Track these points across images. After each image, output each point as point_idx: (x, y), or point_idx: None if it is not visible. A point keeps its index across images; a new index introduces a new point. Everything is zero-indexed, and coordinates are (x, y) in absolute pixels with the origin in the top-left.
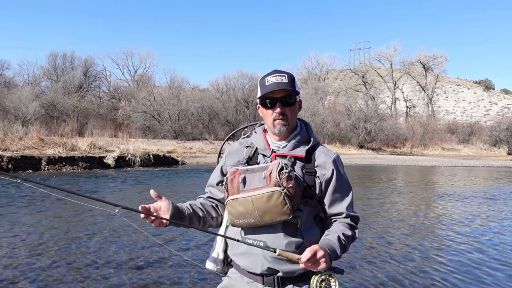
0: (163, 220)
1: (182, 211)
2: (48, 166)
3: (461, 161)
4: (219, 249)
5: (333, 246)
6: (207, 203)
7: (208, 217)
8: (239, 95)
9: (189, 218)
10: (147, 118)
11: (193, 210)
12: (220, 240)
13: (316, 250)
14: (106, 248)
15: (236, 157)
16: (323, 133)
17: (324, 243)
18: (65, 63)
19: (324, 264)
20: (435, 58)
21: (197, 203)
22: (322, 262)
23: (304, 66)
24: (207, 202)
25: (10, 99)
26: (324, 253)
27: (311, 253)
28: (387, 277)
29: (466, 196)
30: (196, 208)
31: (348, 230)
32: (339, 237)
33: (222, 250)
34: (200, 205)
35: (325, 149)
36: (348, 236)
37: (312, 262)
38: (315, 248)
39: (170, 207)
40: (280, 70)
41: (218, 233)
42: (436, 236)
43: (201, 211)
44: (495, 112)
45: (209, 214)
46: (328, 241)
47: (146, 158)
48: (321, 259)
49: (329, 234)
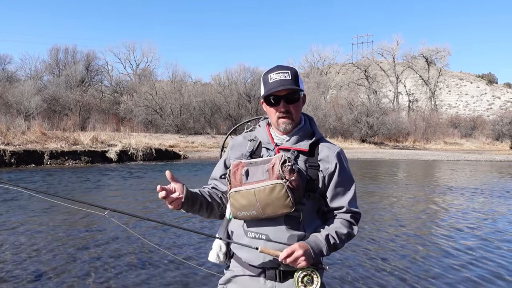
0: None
1: (196, 194)
2: (50, 160)
3: (464, 155)
4: (222, 241)
5: (319, 244)
6: (213, 192)
7: (215, 205)
8: (241, 89)
9: (200, 203)
10: (149, 112)
11: (203, 196)
12: (222, 232)
13: (294, 249)
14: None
15: (239, 150)
16: (325, 127)
17: (310, 240)
18: (67, 57)
19: (304, 262)
20: (437, 51)
21: (206, 190)
22: (301, 261)
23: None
24: (213, 191)
25: (12, 93)
26: (303, 252)
27: (288, 252)
28: (386, 272)
29: (468, 190)
30: (205, 194)
31: (343, 228)
32: (328, 236)
33: (225, 242)
34: (208, 192)
35: (328, 143)
36: (342, 234)
37: (291, 260)
38: (293, 247)
39: (184, 188)
40: (283, 65)
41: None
42: (438, 231)
43: (209, 197)
44: (498, 106)
45: (215, 201)
46: (315, 238)
47: (148, 152)
48: (300, 257)
49: (320, 231)
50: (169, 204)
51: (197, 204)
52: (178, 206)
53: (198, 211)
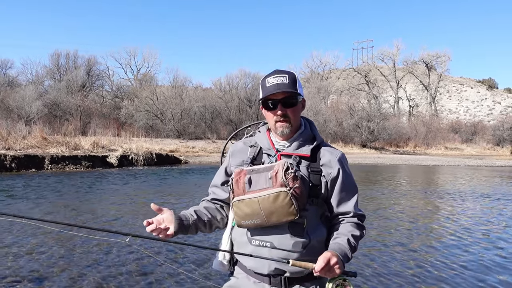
0: (168, 232)
1: (187, 219)
2: (51, 165)
3: (464, 160)
4: (226, 249)
5: (344, 250)
6: (211, 206)
7: (214, 220)
8: (242, 94)
9: (194, 225)
10: (150, 117)
11: (197, 216)
12: (226, 240)
13: (329, 257)
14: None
15: (240, 156)
16: (326, 132)
17: (335, 247)
18: (68, 62)
19: (338, 270)
20: (438, 57)
21: (201, 208)
22: (336, 269)
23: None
24: (211, 205)
25: (13, 98)
26: (337, 260)
27: (325, 262)
28: (389, 276)
29: (470, 196)
30: (200, 213)
31: (356, 230)
32: (349, 240)
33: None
34: (204, 209)
35: (330, 148)
36: (356, 236)
37: (327, 270)
38: (327, 256)
39: (173, 218)
40: (281, 70)
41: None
42: (439, 236)
43: (206, 216)
44: (498, 111)
45: (214, 217)
46: (338, 245)
47: (148, 157)
48: (335, 265)
49: (338, 237)
50: (159, 235)
51: (192, 228)
52: (169, 236)
53: (196, 232)
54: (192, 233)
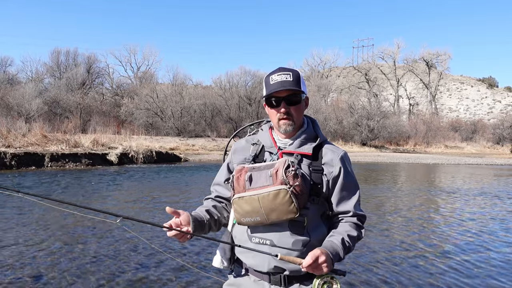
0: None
1: (202, 220)
2: (51, 162)
3: (465, 159)
4: (226, 246)
5: (336, 249)
6: (218, 205)
7: (222, 218)
8: (242, 92)
9: (208, 225)
10: (150, 115)
11: (210, 216)
12: (226, 237)
13: (318, 255)
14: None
15: (242, 154)
16: (326, 130)
17: (327, 245)
18: (68, 60)
19: (326, 268)
20: (438, 55)
21: (210, 207)
22: (324, 267)
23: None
24: (217, 203)
25: (13, 95)
26: (325, 258)
27: (313, 258)
28: (389, 276)
29: (470, 194)
30: (211, 212)
31: (353, 231)
32: (343, 239)
33: (229, 248)
34: (213, 208)
35: (332, 147)
36: (353, 236)
37: (314, 266)
38: (316, 253)
39: (190, 219)
40: (285, 67)
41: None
42: (440, 235)
43: (216, 214)
44: (498, 110)
45: (222, 215)
46: (331, 243)
47: (148, 155)
48: (323, 264)
49: (333, 235)
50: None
51: (206, 227)
52: (189, 238)
53: (208, 232)
54: (206, 233)
